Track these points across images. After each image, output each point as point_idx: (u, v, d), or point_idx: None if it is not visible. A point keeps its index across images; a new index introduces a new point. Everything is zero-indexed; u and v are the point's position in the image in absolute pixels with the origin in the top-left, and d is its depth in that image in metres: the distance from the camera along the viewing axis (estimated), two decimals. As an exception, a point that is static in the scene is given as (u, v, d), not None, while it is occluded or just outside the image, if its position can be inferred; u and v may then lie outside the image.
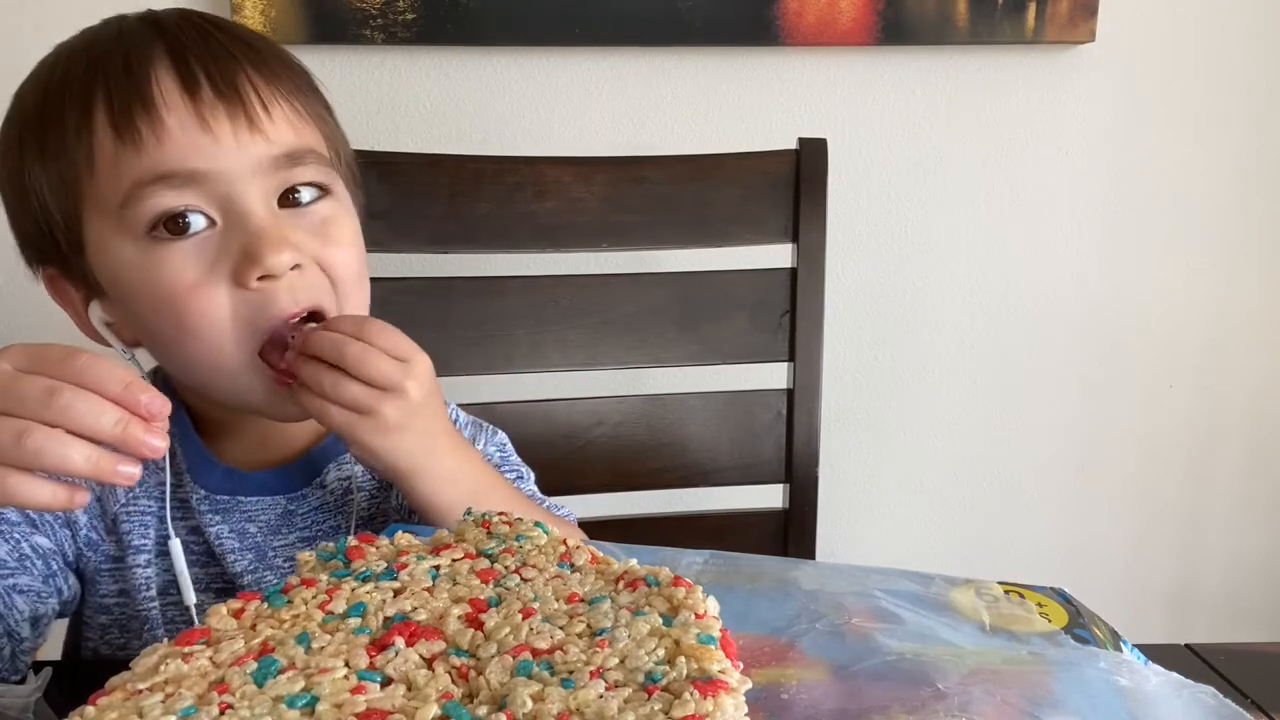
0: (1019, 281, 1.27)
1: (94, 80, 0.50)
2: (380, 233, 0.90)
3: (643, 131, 1.17)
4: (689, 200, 0.96)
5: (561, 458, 0.96)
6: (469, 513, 0.52)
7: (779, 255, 0.97)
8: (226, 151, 0.50)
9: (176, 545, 0.55)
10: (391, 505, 0.62)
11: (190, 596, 0.55)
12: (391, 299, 0.91)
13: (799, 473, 0.98)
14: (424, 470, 0.54)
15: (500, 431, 0.71)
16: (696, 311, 0.97)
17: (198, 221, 0.51)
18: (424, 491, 0.55)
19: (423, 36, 1.07)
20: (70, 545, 0.56)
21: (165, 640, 0.38)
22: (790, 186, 0.95)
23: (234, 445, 0.58)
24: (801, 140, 0.96)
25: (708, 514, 1.02)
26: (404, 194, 0.91)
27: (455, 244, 0.93)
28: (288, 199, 0.54)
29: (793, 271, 0.96)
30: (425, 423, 0.54)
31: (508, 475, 0.68)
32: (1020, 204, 1.24)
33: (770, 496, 1.00)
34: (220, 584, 0.58)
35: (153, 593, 0.56)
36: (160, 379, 0.60)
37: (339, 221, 0.55)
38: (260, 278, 0.51)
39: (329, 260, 0.54)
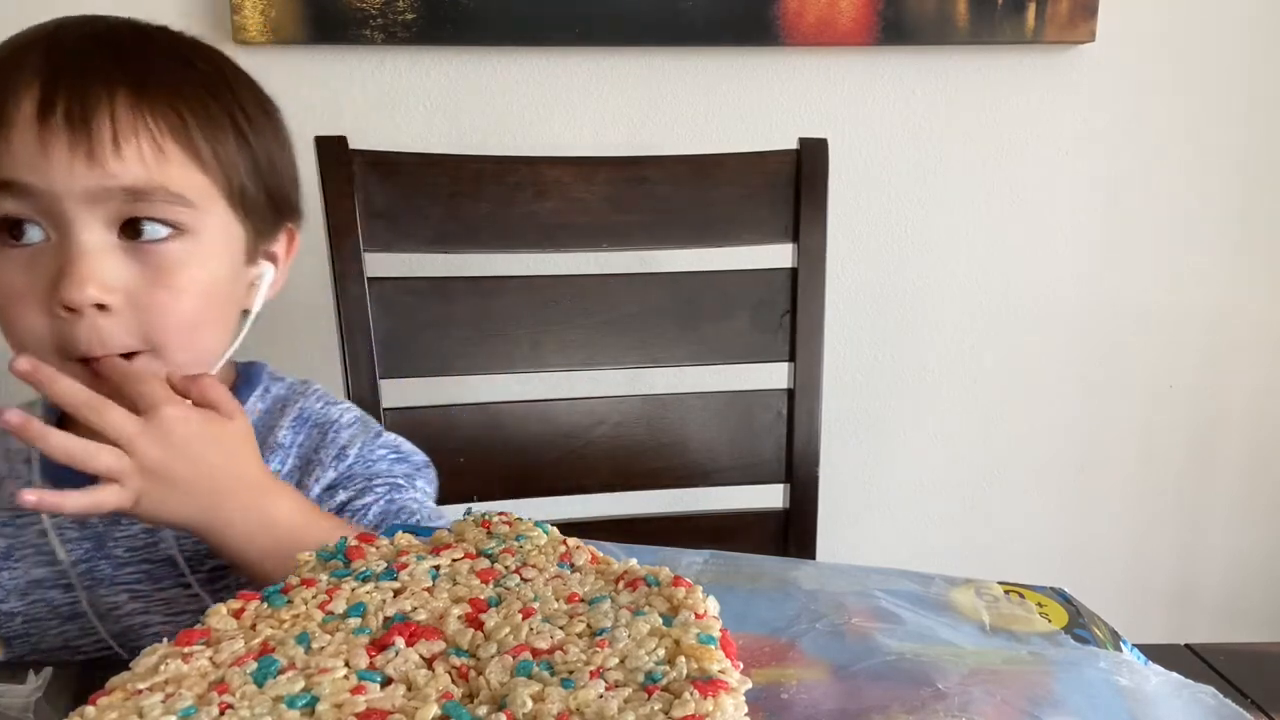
0: (1019, 281, 1.27)
1: None
2: (380, 233, 0.90)
3: (643, 131, 1.17)
4: (689, 200, 0.96)
5: (561, 458, 0.96)
6: (468, 512, 0.52)
7: (779, 255, 0.97)
8: (59, 175, 0.51)
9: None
10: None
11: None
12: (391, 299, 0.91)
13: (799, 473, 0.98)
14: (210, 528, 0.53)
15: (386, 433, 0.69)
16: (697, 311, 0.97)
17: (34, 233, 0.51)
18: (220, 547, 0.54)
19: (423, 36, 1.07)
20: None
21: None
22: (790, 186, 0.95)
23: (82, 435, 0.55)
24: (802, 140, 0.96)
25: (708, 514, 1.02)
26: (404, 194, 0.91)
27: (455, 244, 0.93)
28: (133, 230, 0.53)
29: (793, 271, 0.96)
30: (188, 482, 0.52)
31: (397, 476, 0.66)
32: (1020, 204, 1.24)
33: (770, 496, 1.00)
34: (52, 572, 0.59)
35: None
36: None
37: (183, 266, 0.53)
38: (66, 308, 0.50)
39: (154, 305, 0.52)
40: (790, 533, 0.99)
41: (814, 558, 0.99)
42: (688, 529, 1.00)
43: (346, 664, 0.37)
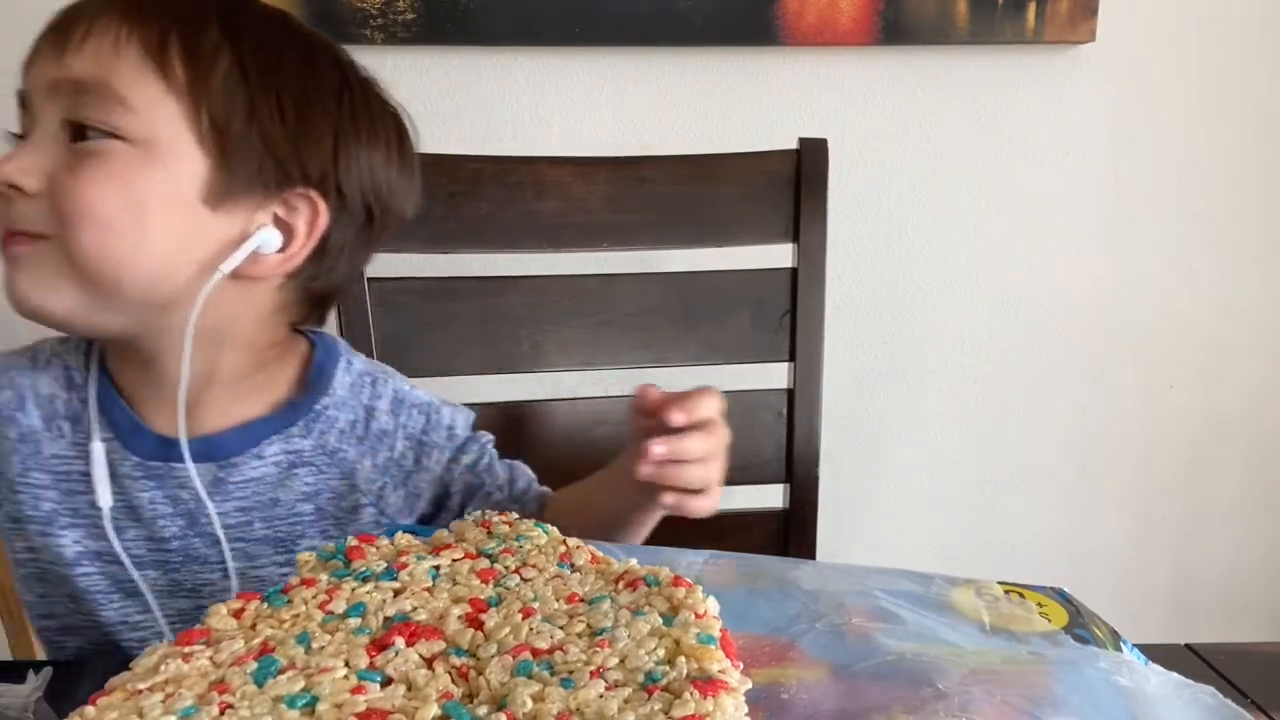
0: (1019, 281, 1.27)
1: None
2: (380, 233, 0.90)
3: (643, 131, 1.17)
4: (689, 200, 0.96)
5: (562, 457, 0.96)
6: (468, 512, 0.52)
7: (779, 255, 0.97)
8: (33, 71, 0.54)
9: (99, 449, 0.57)
10: (360, 490, 0.63)
11: (104, 499, 0.56)
12: (392, 299, 0.91)
13: (799, 473, 0.98)
14: None
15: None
16: (697, 311, 0.97)
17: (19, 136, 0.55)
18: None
19: (423, 36, 1.07)
20: None
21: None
22: (790, 186, 0.95)
23: (164, 414, 0.57)
24: (802, 140, 0.96)
25: (708, 514, 1.02)
26: (404, 194, 0.91)
27: (455, 244, 0.93)
28: (75, 133, 0.53)
29: (793, 271, 0.96)
30: None
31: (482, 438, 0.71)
32: (1020, 204, 1.24)
33: (770, 496, 1.00)
34: (148, 547, 0.59)
35: (49, 558, 0.56)
36: (96, 352, 0.61)
37: (106, 159, 0.52)
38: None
39: (61, 186, 0.52)
40: (790, 533, 0.99)
41: (814, 558, 0.99)
42: (688, 529, 1.00)
43: (346, 664, 0.37)
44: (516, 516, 0.53)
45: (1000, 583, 0.52)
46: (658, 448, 0.53)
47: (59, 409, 0.58)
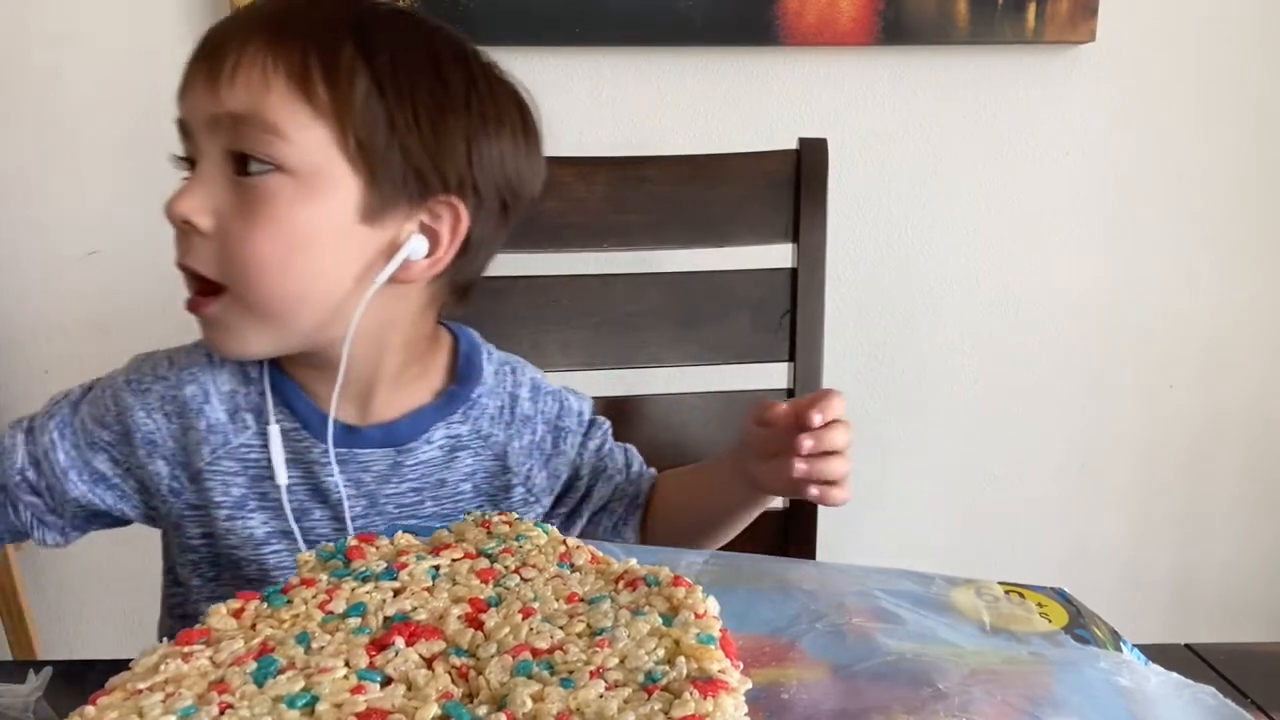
0: (1019, 281, 1.27)
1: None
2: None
3: (643, 131, 1.17)
4: (689, 200, 0.96)
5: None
6: (468, 512, 0.52)
7: (779, 255, 0.96)
8: (190, 102, 0.57)
9: (275, 431, 0.62)
10: (511, 470, 0.68)
11: (282, 477, 0.61)
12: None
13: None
14: None
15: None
16: (696, 311, 0.97)
17: (186, 159, 0.58)
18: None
19: (423, 36, 1.07)
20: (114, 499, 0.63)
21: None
22: (790, 186, 0.95)
23: (341, 406, 0.62)
24: (801, 140, 0.96)
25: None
26: (404, 194, 0.91)
27: (455, 244, 0.93)
28: (241, 166, 0.56)
29: (793, 272, 0.96)
30: None
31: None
32: (1020, 204, 1.24)
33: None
34: (333, 527, 0.63)
35: (233, 541, 0.60)
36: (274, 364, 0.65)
37: (272, 201, 0.55)
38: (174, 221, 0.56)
39: (232, 234, 0.55)
40: (790, 533, 0.99)
41: (814, 558, 0.99)
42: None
43: (346, 664, 0.37)
44: (516, 516, 0.53)
45: (1000, 583, 0.52)
46: (808, 442, 0.58)
47: (240, 402, 0.62)
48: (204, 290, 0.58)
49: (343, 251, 0.58)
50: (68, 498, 0.61)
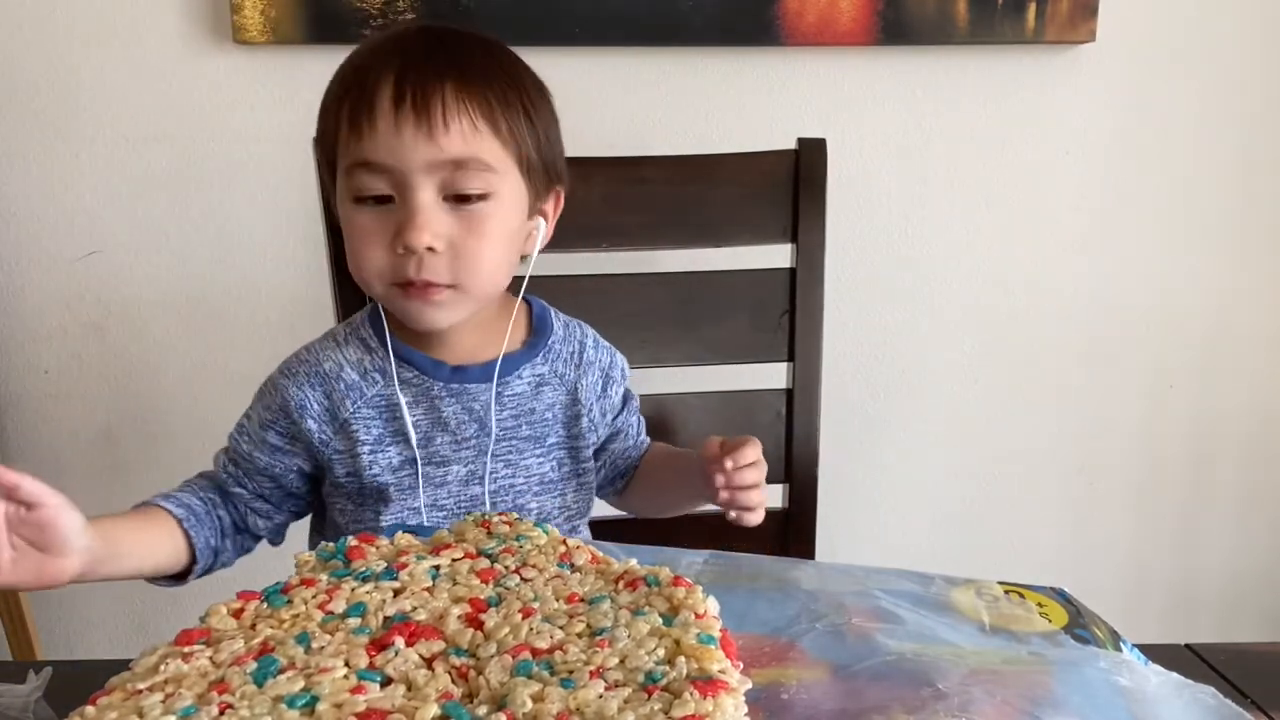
0: (1019, 281, 1.27)
1: (350, 83, 0.70)
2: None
3: (643, 131, 1.17)
4: (689, 200, 0.96)
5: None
6: (468, 513, 0.52)
7: (778, 255, 0.96)
8: (407, 151, 0.67)
9: (394, 377, 0.75)
10: (580, 402, 0.80)
11: (414, 438, 0.75)
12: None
13: (799, 473, 0.98)
14: None
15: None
16: (696, 311, 0.97)
17: (382, 196, 0.69)
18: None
19: (423, 36, 1.07)
20: (298, 460, 0.77)
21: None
22: (790, 186, 0.95)
23: (451, 351, 0.76)
24: (801, 140, 0.96)
25: (708, 514, 1.02)
26: (404, 194, 0.91)
27: (455, 244, 0.93)
28: (454, 195, 0.69)
29: (792, 271, 0.96)
30: None
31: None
32: (1020, 204, 1.24)
33: (770, 496, 0.99)
34: (452, 448, 0.76)
35: (375, 470, 0.75)
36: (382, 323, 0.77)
37: (489, 220, 0.70)
38: (404, 248, 0.68)
39: (467, 251, 0.69)
40: (790, 533, 0.99)
41: (814, 558, 0.99)
42: (688, 529, 1.00)
43: (346, 664, 0.37)
44: (517, 516, 0.53)
45: (1000, 583, 0.52)
46: (720, 478, 0.72)
47: (368, 365, 0.76)
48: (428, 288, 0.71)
49: (518, 242, 0.75)
50: (257, 469, 0.76)
